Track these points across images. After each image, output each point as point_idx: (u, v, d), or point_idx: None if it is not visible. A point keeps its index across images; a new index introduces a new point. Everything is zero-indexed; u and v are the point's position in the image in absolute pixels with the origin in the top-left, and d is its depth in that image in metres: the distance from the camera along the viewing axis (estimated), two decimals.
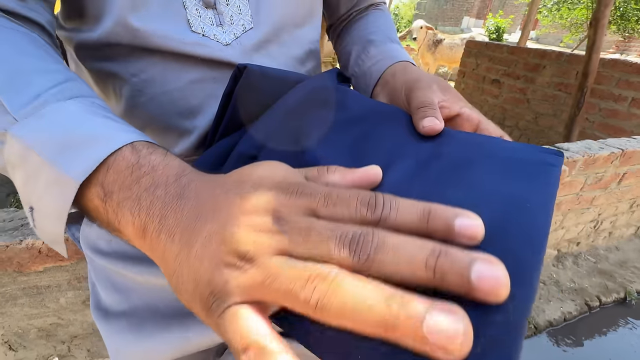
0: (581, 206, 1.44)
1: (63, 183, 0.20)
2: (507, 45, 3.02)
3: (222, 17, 0.37)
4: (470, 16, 19.28)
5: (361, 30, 0.50)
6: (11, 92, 0.22)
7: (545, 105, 2.68)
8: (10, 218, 0.57)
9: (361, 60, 0.45)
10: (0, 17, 0.27)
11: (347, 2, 0.52)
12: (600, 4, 1.74)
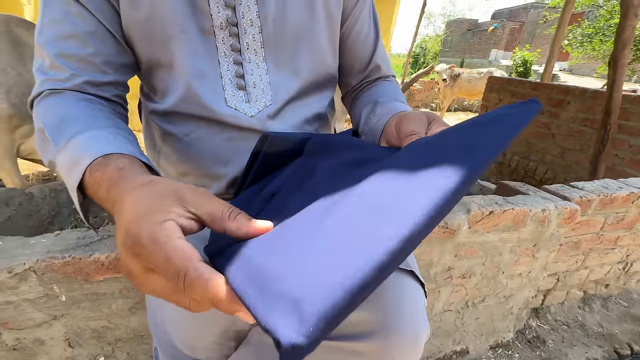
0: (604, 246, 1.40)
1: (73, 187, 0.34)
2: (529, 81, 3.06)
3: (250, 96, 0.51)
4: (498, 48, 19.34)
5: (371, 95, 0.59)
6: (57, 134, 0.38)
7: (571, 141, 2.64)
8: (83, 236, 0.73)
9: (369, 119, 0.54)
10: (82, 93, 0.44)
11: (359, 75, 0.64)
12: (619, 44, 1.78)
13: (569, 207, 1.10)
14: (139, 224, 0.23)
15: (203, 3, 0.46)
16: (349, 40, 0.59)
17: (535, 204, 1.07)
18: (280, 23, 0.49)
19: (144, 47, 0.47)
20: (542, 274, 1.22)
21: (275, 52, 0.50)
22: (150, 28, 0.46)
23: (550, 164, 2.82)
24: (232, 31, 0.48)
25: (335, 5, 0.53)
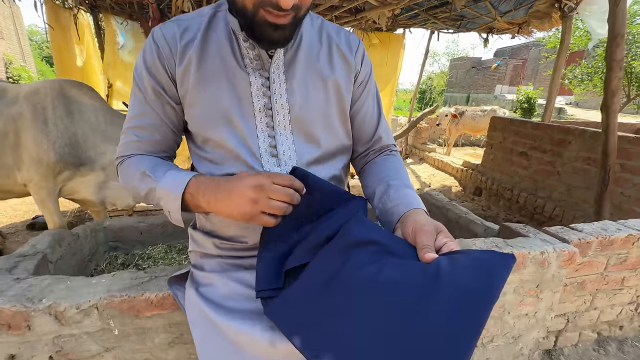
0: (610, 286, 1.43)
1: (176, 196, 0.57)
2: (531, 121, 3.20)
3: (280, 162, 0.66)
4: (502, 84, 19.91)
5: (381, 173, 0.72)
6: (155, 172, 0.61)
7: (576, 178, 2.71)
8: (135, 277, 0.85)
9: (384, 200, 0.66)
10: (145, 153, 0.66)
11: (365, 144, 0.79)
12: (608, 93, 1.92)
13: (567, 249, 1.17)
14: (253, 185, 0.53)
15: (246, 94, 0.62)
16: (357, 119, 0.75)
17: (534, 247, 1.15)
18: (304, 107, 0.65)
19: (201, 130, 0.64)
20: (549, 314, 1.26)
21: (300, 128, 0.66)
22: (206, 118, 0.63)
23: (558, 201, 2.86)
24: (268, 113, 0.64)
25: (346, 94, 0.69)
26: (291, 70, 0.64)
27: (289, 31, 0.55)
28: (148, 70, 0.62)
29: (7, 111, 1.71)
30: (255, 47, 0.61)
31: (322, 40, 0.68)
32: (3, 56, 9.63)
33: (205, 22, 0.62)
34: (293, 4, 0.50)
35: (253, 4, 0.51)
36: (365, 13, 3.17)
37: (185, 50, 0.60)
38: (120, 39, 3.27)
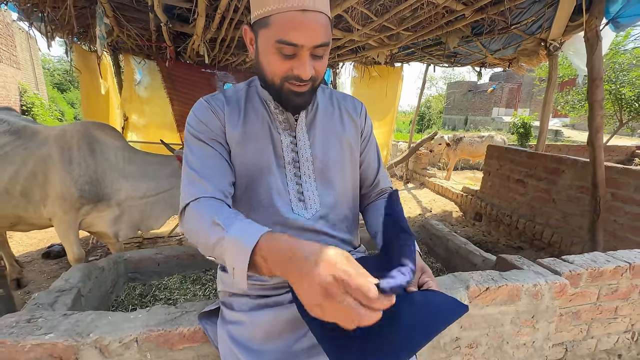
0: (604, 315, 1.51)
1: (245, 251, 0.50)
2: (525, 150, 3.36)
3: (306, 205, 0.78)
4: (499, 106, 20.43)
5: (381, 214, 0.85)
6: (224, 221, 0.57)
7: (572, 206, 2.81)
8: (168, 312, 0.96)
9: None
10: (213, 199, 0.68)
11: (367, 188, 0.93)
12: (592, 130, 2.08)
13: (559, 281, 1.27)
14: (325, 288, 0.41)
15: (279, 150, 0.78)
16: (362, 167, 0.90)
17: (527, 279, 1.25)
18: (324, 159, 0.80)
19: (241, 178, 0.77)
20: (547, 343, 1.34)
21: (321, 176, 0.80)
22: (247, 168, 0.77)
23: (555, 228, 2.95)
24: (295, 165, 0.79)
25: (356, 148, 0.85)
26: (312, 130, 0.80)
27: (308, 97, 0.72)
28: (204, 124, 0.73)
29: (37, 152, 1.87)
30: (284, 113, 0.77)
31: (334, 104, 0.85)
32: (19, 85, 10.06)
33: (244, 96, 0.79)
34: (311, 76, 0.66)
35: (280, 79, 0.68)
36: (365, 52, 3.42)
37: (232, 115, 0.75)
38: (137, 76, 3.51)
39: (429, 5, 2.35)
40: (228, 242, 0.53)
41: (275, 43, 0.63)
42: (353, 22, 2.52)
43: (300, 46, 0.63)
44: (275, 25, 0.63)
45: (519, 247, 3.21)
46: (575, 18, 2.44)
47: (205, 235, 0.58)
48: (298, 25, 0.62)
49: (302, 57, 0.64)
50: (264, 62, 0.68)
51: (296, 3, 0.61)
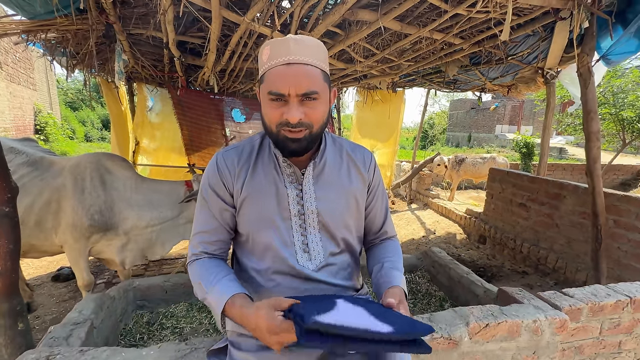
0: (608, 350, 1.51)
1: (218, 315, 0.73)
2: (527, 175, 3.39)
3: (310, 256, 0.84)
4: (502, 124, 20.55)
5: (380, 255, 0.92)
6: (205, 282, 0.77)
7: (575, 231, 2.82)
8: (178, 349, 1.00)
9: (379, 276, 0.86)
10: (208, 257, 0.84)
11: (373, 235, 0.98)
12: (590, 160, 2.13)
13: (559, 317, 1.29)
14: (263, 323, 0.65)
15: (284, 203, 0.83)
16: (369, 217, 0.94)
17: (527, 315, 1.27)
18: (329, 213, 0.84)
19: (249, 231, 0.84)
20: None
21: (325, 228, 0.85)
22: (254, 221, 0.83)
23: (560, 253, 2.95)
24: (301, 217, 0.84)
25: (361, 201, 0.90)
26: (319, 182, 0.85)
27: (306, 143, 0.76)
28: (212, 189, 0.84)
29: (52, 183, 1.96)
30: (291, 166, 0.83)
31: (343, 157, 0.89)
32: (34, 106, 10.44)
33: (257, 148, 0.86)
34: (299, 120, 0.72)
35: (275, 125, 0.75)
36: (368, 80, 3.55)
37: (241, 173, 0.83)
38: (149, 103, 3.67)
39: (427, 40, 2.47)
40: (209, 300, 0.75)
41: (267, 95, 0.73)
42: (356, 56, 2.65)
43: (287, 95, 0.71)
44: (267, 80, 0.73)
45: (524, 272, 3.20)
46: (570, 50, 2.54)
47: (197, 291, 0.80)
48: (282, 76, 0.70)
49: (289, 104, 0.71)
50: (263, 113, 0.78)
51: (282, 59, 0.71)
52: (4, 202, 1.04)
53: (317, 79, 0.73)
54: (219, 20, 1.91)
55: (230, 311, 0.71)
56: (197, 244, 0.85)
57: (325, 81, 0.76)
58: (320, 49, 0.75)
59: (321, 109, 0.75)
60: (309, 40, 0.73)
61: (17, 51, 9.02)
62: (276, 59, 0.71)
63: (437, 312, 1.25)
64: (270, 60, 0.72)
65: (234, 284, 0.76)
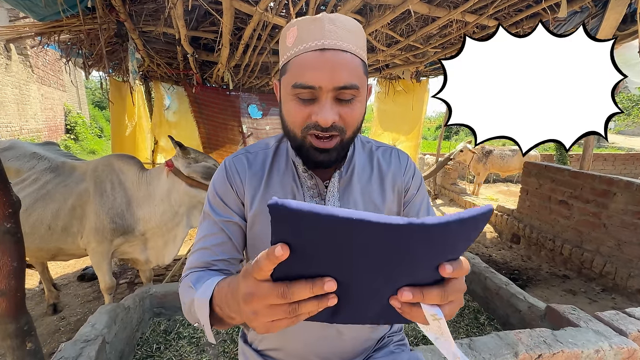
0: None
1: (205, 306, 0.48)
2: (568, 169, 3.08)
3: None
4: None
5: None
6: (195, 284, 0.57)
7: (627, 233, 2.52)
8: None
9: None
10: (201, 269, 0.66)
11: None
12: None
13: (626, 346, 1.09)
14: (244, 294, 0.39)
15: None
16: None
17: (587, 344, 1.08)
18: None
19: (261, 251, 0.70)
20: None
21: None
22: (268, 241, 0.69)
23: (608, 256, 2.66)
24: None
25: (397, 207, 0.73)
26: (345, 197, 0.69)
27: (335, 154, 0.60)
28: (221, 197, 0.69)
29: (76, 189, 1.94)
30: (313, 177, 0.67)
31: (373, 165, 0.72)
32: (64, 106, 10.91)
33: (271, 155, 0.71)
34: (332, 123, 0.56)
35: (300, 129, 0.59)
36: (390, 70, 3.33)
37: (253, 181, 0.68)
38: (166, 101, 3.65)
39: (458, 23, 2.23)
40: (196, 302, 0.52)
41: (291, 89, 0.57)
42: (378, 44, 2.45)
43: (318, 88, 0.55)
44: (292, 70, 0.57)
45: (565, 276, 2.93)
46: (624, 28, 2.22)
47: (185, 301, 0.59)
48: (314, 64, 0.55)
49: (321, 101, 0.56)
50: (285, 112, 0.62)
51: (314, 43, 0.55)
52: (5, 217, 0.97)
53: (358, 71, 0.57)
54: (231, 12, 1.79)
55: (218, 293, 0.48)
56: (195, 261, 0.69)
57: (364, 74, 0.60)
58: (360, 33, 0.60)
59: (359, 110, 0.60)
60: (348, 21, 0.57)
61: (47, 54, 9.40)
62: (305, 43, 0.55)
63: (478, 338, 1.09)
64: (298, 44, 0.56)
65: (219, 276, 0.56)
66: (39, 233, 1.89)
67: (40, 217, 1.89)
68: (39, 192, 1.92)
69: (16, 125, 7.67)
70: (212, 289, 0.50)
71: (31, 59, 8.69)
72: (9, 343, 1.02)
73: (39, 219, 1.88)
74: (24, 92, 8.18)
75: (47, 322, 2.31)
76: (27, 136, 7.89)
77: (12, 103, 7.56)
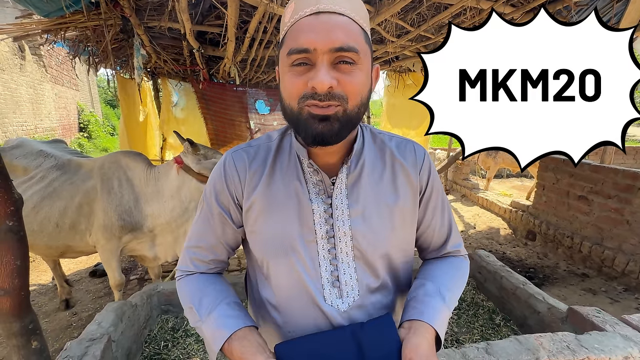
0: None
1: (214, 351, 0.56)
2: (589, 163, 2.94)
3: (342, 292, 0.64)
4: None
5: (429, 270, 0.69)
6: (199, 307, 0.62)
7: None
8: None
9: (412, 294, 0.65)
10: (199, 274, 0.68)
11: (434, 252, 0.73)
12: None
13: None
14: None
15: (309, 221, 0.63)
16: (424, 236, 0.71)
17: (614, 349, 1.01)
18: (367, 236, 0.63)
19: (265, 256, 0.65)
20: None
21: (362, 256, 0.64)
22: (270, 245, 0.64)
23: (631, 254, 2.53)
24: (330, 241, 0.63)
25: (412, 219, 0.67)
26: (354, 194, 0.63)
27: (338, 125, 0.53)
28: (216, 196, 0.66)
29: (82, 186, 1.94)
30: (319, 172, 0.61)
31: (386, 159, 0.66)
32: (77, 105, 11.12)
33: (274, 149, 0.65)
34: (331, 90, 0.51)
35: (297, 100, 0.53)
36: (400, 62, 3.23)
37: (253, 179, 0.64)
38: (174, 97, 3.64)
39: (472, 10, 2.13)
40: (203, 333, 0.61)
41: (287, 58, 0.53)
42: (387, 35, 2.37)
43: (313, 50, 0.50)
44: (288, 39, 0.54)
45: (584, 274, 2.81)
46: None
47: (187, 313, 0.65)
48: (309, 27, 0.51)
49: (317, 65, 0.51)
50: (281, 88, 0.57)
51: (309, 8, 0.52)
52: (8, 215, 0.96)
53: (356, 35, 0.53)
54: (235, 4, 1.74)
55: (229, 349, 0.57)
56: (187, 260, 0.69)
57: (366, 42, 0.55)
58: (360, 5, 0.56)
59: (360, 78, 0.53)
60: None
61: (59, 53, 9.57)
62: (301, 11, 0.52)
63: (496, 342, 1.03)
64: (294, 15, 0.53)
65: (235, 312, 0.61)
66: (47, 231, 1.90)
67: (47, 215, 1.89)
68: (46, 189, 1.93)
69: (31, 124, 7.85)
70: (222, 343, 0.56)
71: (45, 58, 8.86)
72: (14, 342, 1.01)
73: (46, 217, 1.89)
74: (38, 91, 8.36)
75: (60, 318, 2.35)
76: (41, 134, 8.07)
77: (27, 102, 7.73)
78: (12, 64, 7.27)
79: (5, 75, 6.90)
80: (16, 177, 2.01)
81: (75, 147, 8.91)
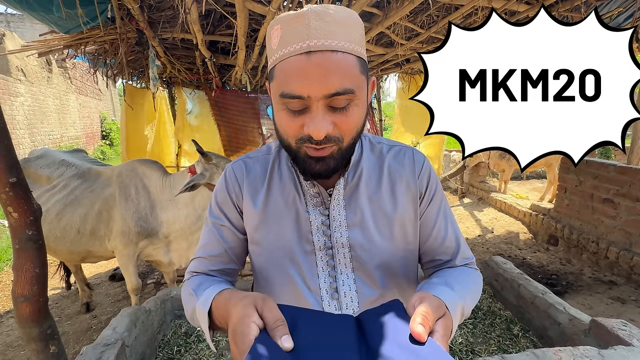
0: None
1: (204, 315, 0.51)
2: (614, 164, 2.79)
3: (341, 304, 0.64)
4: None
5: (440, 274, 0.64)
6: (196, 291, 0.58)
7: None
8: None
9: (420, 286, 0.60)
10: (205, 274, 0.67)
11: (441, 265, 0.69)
12: None
13: None
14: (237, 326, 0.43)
15: (307, 232, 0.63)
16: (426, 245, 0.68)
17: None
18: (366, 246, 0.63)
19: (264, 268, 0.66)
20: None
21: (362, 267, 0.63)
22: (268, 256, 0.65)
23: None
24: (328, 252, 0.63)
25: (411, 235, 0.65)
26: (352, 205, 0.63)
27: (333, 163, 0.55)
28: (220, 207, 0.67)
29: (101, 194, 2.02)
30: (315, 185, 0.62)
31: (384, 169, 0.65)
32: (100, 114, 11.62)
33: (271, 161, 0.67)
34: (327, 135, 0.51)
35: (294, 140, 0.54)
36: (411, 64, 3.19)
37: (251, 189, 0.65)
38: (188, 105, 3.74)
39: (484, 10, 2.08)
40: (197, 311, 0.55)
41: (279, 98, 0.52)
42: (397, 38, 2.34)
43: (307, 97, 0.49)
44: (278, 77, 0.52)
45: (611, 282, 2.66)
46: None
47: (188, 308, 0.61)
48: (300, 71, 0.49)
49: (312, 111, 0.50)
50: (276, 121, 0.57)
51: (299, 45, 0.49)
52: (27, 225, 1.00)
53: (352, 72, 0.51)
54: (244, 14, 1.77)
55: (217, 304, 0.51)
56: (195, 268, 0.69)
57: (362, 72, 0.53)
58: (354, 24, 0.53)
59: (356, 115, 0.54)
60: (338, 12, 0.51)
61: (83, 65, 10.04)
62: (290, 46, 0.50)
63: (511, 356, 0.99)
64: (282, 47, 0.51)
65: (227, 285, 0.58)
66: (69, 237, 1.98)
67: (69, 222, 1.98)
68: (68, 197, 2.01)
69: (57, 133, 8.26)
70: (210, 301, 0.52)
71: (70, 71, 9.33)
72: (33, 346, 1.05)
73: (68, 224, 1.98)
74: (63, 102, 8.80)
75: (81, 320, 2.44)
76: (67, 143, 8.47)
77: (53, 113, 8.15)
78: (40, 77, 7.69)
79: (34, 88, 7.30)
80: (40, 185, 2.11)
81: (98, 154, 9.31)
